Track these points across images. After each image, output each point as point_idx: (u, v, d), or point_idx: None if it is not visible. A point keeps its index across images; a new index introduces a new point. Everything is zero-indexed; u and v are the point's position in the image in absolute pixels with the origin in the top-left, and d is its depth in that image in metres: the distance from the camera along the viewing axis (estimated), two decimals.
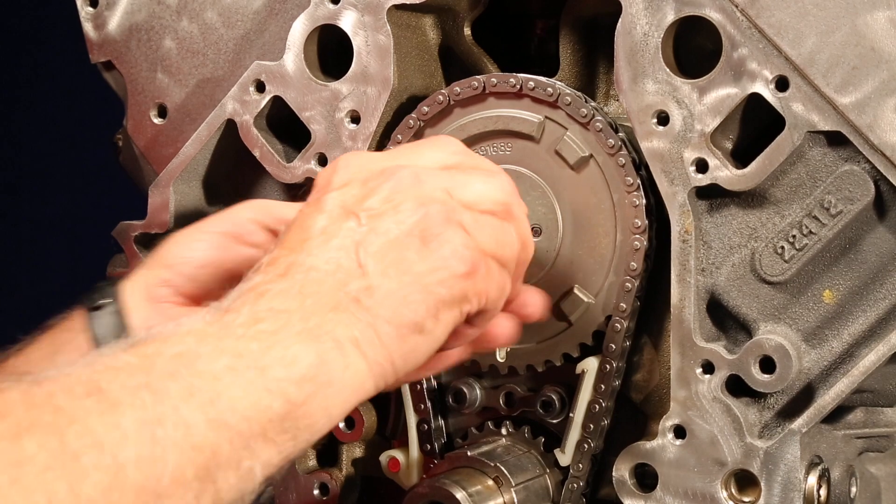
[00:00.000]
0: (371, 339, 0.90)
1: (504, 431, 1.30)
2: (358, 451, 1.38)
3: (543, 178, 1.24)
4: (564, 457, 1.25)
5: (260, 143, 1.32)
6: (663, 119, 1.17)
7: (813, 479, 1.15)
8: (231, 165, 1.38)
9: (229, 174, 1.39)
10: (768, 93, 1.13)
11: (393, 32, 1.27)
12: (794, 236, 1.15)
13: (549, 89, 1.23)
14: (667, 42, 1.17)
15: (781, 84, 1.13)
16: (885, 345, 1.13)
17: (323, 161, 1.30)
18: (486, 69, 1.33)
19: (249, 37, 1.35)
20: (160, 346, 0.83)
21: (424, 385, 1.31)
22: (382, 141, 1.30)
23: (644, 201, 1.20)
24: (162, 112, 1.40)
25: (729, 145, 1.18)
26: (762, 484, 1.15)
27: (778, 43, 1.12)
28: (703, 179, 1.16)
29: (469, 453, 1.25)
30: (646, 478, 1.21)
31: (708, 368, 1.17)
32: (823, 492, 1.16)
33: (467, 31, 1.33)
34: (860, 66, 1.10)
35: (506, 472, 1.23)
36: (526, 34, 1.38)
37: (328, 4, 1.28)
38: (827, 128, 1.11)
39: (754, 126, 1.17)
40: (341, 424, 1.33)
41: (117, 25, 1.41)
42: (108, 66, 1.43)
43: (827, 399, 1.14)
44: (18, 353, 1.04)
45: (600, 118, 1.22)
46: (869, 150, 1.10)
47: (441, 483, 1.20)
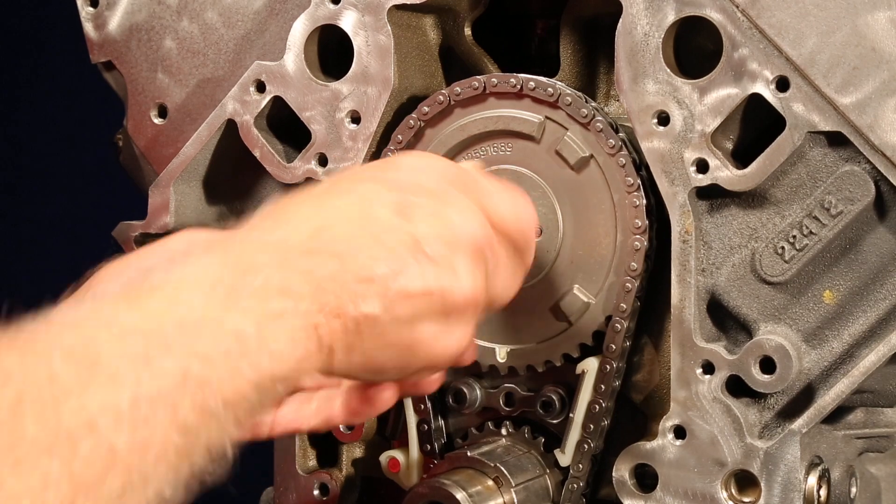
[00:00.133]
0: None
1: (504, 432, 1.29)
2: (358, 452, 1.38)
3: (544, 179, 1.24)
4: (564, 457, 1.25)
5: (260, 144, 1.32)
6: (664, 119, 1.17)
7: (813, 480, 1.15)
8: (231, 166, 1.38)
9: (229, 174, 1.39)
10: (769, 93, 1.13)
11: (393, 32, 1.27)
12: (794, 237, 1.15)
13: (550, 89, 1.23)
14: (667, 42, 1.17)
15: (782, 84, 1.13)
16: (885, 345, 1.13)
17: (323, 161, 1.30)
18: (487, 69, 1.33)
19: (250, 37, 1.35)
20: (166, 305, 0.82)
21: None
22: (383, 141, 1.30)
23: (644, 201, 1.20)
24: (162, 112, 1.40)
25: (729, 146, 1.18)
26: (762, 484, 1.15)
27: (778, 43, 1.12)
28: (703, 180, 1.16)
29: (469, 454, 1.25)
30: (646, 478, 1.21)
31: (708, 369, 1.17)
32: (823, 492, 1.16)
33: (468, 31, 1.33)
34: (861, 67, 1.10)
35: (506, 472, 1.23)
36: (526, 34, 1.38)
37: (329, 4, 1.28)
38: (827, 128, 1.11)
39: (755, 126, 1.17)
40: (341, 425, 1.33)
41: (117, 25, 1.41)
42: (109, 66, 1.43)
43: (827, 399, 1.14)
44: None
45: (601, 118, 1.22)
46: (869, 151, 1.10)
47: (441, 483, 1.20)
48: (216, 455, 0.81)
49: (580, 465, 1.25)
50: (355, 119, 1.29)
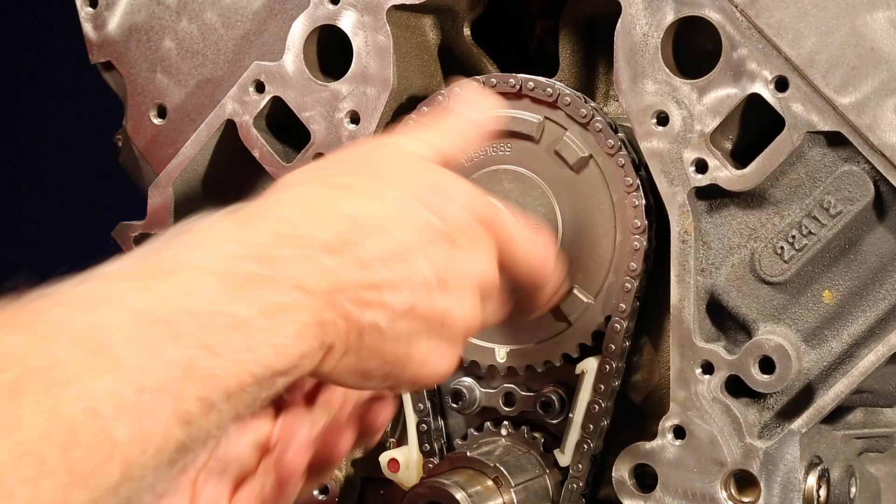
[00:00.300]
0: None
1: (503, 432, 1.29)
2: (358, 451, 1.38)
3: (543, 179, 1.24)
4: (564, 457, 1.25)
5: (259, 144, 1.32)
6: (663, 119, 1.17)
7: (812, 480, 1.15)
8: (231, 166, 1.38)
9: (229, 174, 1.39)
10: (768, 93, 1.13)
11: (392, 33, 1.27)
12: (793, 237, 1.15)
13: (549, 90, 1.23)
14: (666, 42, 1.17)
15: (781, 84, 1.13)
16: (884, 345, 1.13)
17: None
18: (486, 69, 1.33)
19: (249, 37, 1.35)
20: (177, 292, 0.81)
21: None
22: None
23: (643, 202, 1.20)
24: (161, 112, 1.40)
25: (728, 146, 1.18)
26: (762, 484, 1.15)
27: (777, 43, 1.12)
28: (702, 180, 1.16)
29: (468, 454, 1.25)
30: (645, 478, 1.21)
31: (707, 369, 1.17)
32: (823, 492, 1.16)
33: (467, 31, 1.33)
34: (860, 67, 1.10)
35: (505, 472, 1.23)
36: (526, 34, 1.38)
37: (328, 5, 1.28)
38: (826, 128, 1.11)
39: (754, 126, 1.17)
40: None
41: (117, 26, 1.41)
42: (108, 66, 1.43)
43: (826, 399, 1.14)
44: None
45: (600, 118, 1.22)
46: (868, 151, 1.10)
47: (440, 483, 1.20)
48: (212, 446, 0.81)
49: (580, 466, 1.25)
50: (354, 119, 1.29)
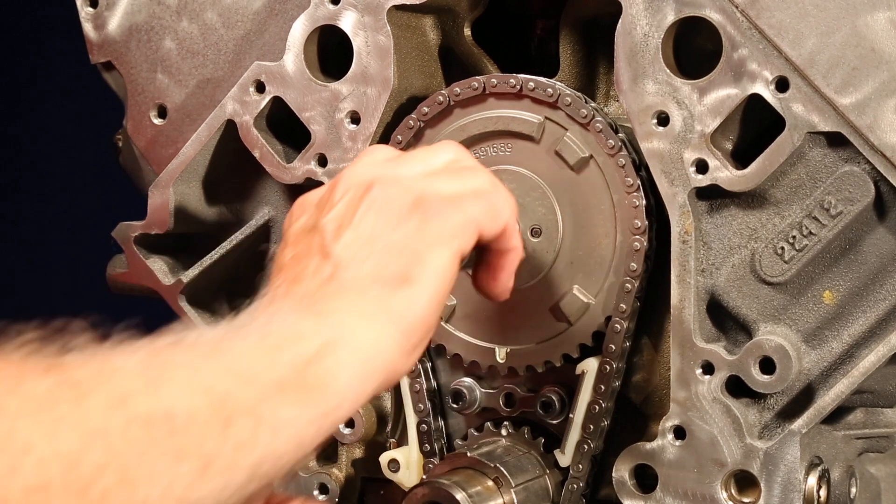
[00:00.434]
0: (362, 302, 0.92)
1: (504, 432, 1.29)
2: (358, 452, 1.38)
3: (543, 179, 1.24)
4: (564, 457, 1.25)
5: (260, 144, 1.32)
6: (663, 120, 1.17)
7: (813, 480, 1.15)
8: (231, 166, 1.38)
9: (229, 175, 1.39)
10: (768, 93, 1.13)
11: (393, 33, 1.27)
12: (793, 237, 1.15)
13: (549, 90, 1.23)
14: (667, 43, 1.17)
15: (781, 85, 1.13)
16: (884, 346, 1.13)
17: (323, 161, 1.30)
18: (487, 70, 1.33)
19: (249, 37, 1.35)
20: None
21: (424, 386, 1.31)
22: (382, 141, 1.30)
23: (644, 202, 1.20)
24: (162, 112, 1.40)
25: (729, 146, 1.18)
26: (762, 485, 1.15)
27: (778, 44, 1.12)
28: (703, 180, 1.16)
29: (469, 454, 1.25)
30: (646, 478, 1.21)
31: (708, 369, 1.17)
32: (823, 492, 1.16)
33: (467, 31, 1.33)
34: (860, 67, 1.10)
35: (506, 472, 1.23)
36: (526, 34, 1.38)
37: (328, 5, 1.28)
38: (827, 128, 1.11)
39: (754, 127, 1.17)
40: (341, 425, 1.33)
41: (117, 26, 1.41)
42: (108, 66, 1.43)
43: (827, 400, 1.14)
44: None
45: (600, 119, 1.22)
46: (869, 151, 1.10)
47: (441, 484, 1.20)
48: (266, 429, 0.85)
49: (580, 466, 1.25)
50: (355, 119, 1.29)
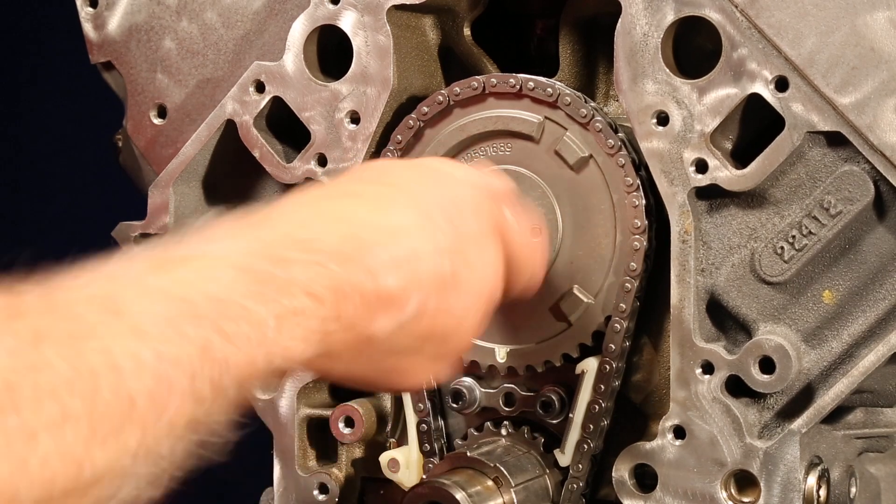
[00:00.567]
0: None
1: (504, 432, 1.29)
2: (358, 452, 1.38)
3: (543, 179, 1.24)
4: (564, 457, 1.25)
5: (260, 144, 1.32)
6: (663, 119, 1.17)
7: (812, 480, 1.15)
8: (231, 166, 1.38)
9: (229, 174, 1.39)
10: (768, 93, 1.13)
11: (393, 33, 1.27)
12: (793, 237, 1.15)
13: (549, 90, 1.23)
14: (666, 42, 1.17)
15: (781, 84, 1.13)
16: (884, 345, 1.13)
17: (323, 161, 1.30)
18: (486, 69, 1.33)
19: (249, 37, 1.36)
20: (196, 276, 0.81)
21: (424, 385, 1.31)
22: (382, 141, 1.30)
23: (644, 202, 1.20)
24: (162, 112, 1.40)
25: (728, 145, 1.18)
26: (762, 484, 1.15)
27: (777, 43, 1.12)
28: (702, 180, 1.16)
29: (469, 454, 1.25)
30: (645, 478, 1.21)
31: (707, 369, 1.17)
32: (823, 492, 1.16)
33: (467, 31, 1.33)
34: (860, 67, 1.10)
35: (505, 472, 1.23)
36: (526, 34, 1.38)
37: (328, 5, 1.28)
38: (826, 128, 1.11)
39: (754, 126, 1.17)
40: (341, 424, 1.33)
41: (117, 26, 1.41)
42: (108, 66, 1.43)
43: (827, 399, 1.14)
44: None
45: (600, 118, 1.22)
46: (868, 151, 1.10)
47: (441, 483, 1.20)
48: (215, 433, 0.81)
49: (580, 466, 1.25)
50: (355, 119, 1.29)
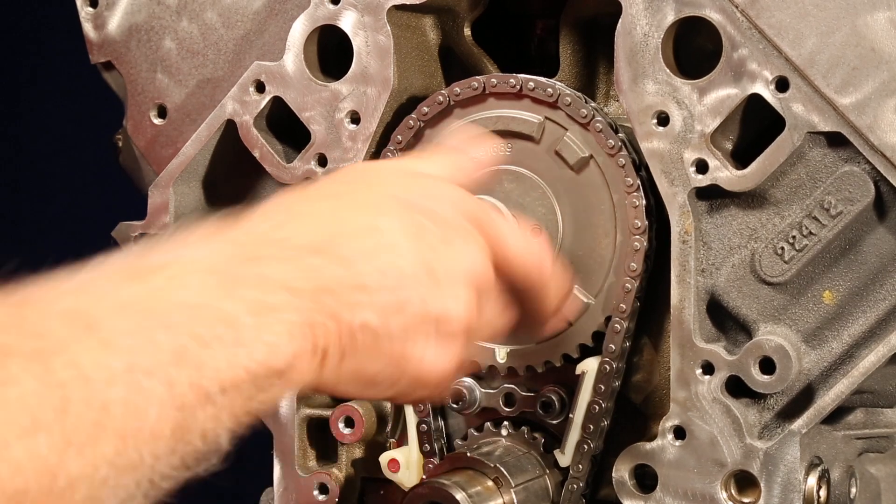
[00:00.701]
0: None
1: (504, 432, 1.29)
2: (358, 452, 1.38)
3: (543, 179, 1.24)
4: (564, 458, 1.25)
5: (260, 144, 1.32)
6: (663, 120, 1.17)
7: (813, 480, 1.15)
8: (231, 166, 1.38)
9: (229, 174, 1.39)
10: (768, 93, 1.13)
11: (393, 33, 1.27)
12: (793, 237, 1.15)
13: (549, 90, 1.23)
14: (667, 42, 1.17)
15: (781, 85, 1.13)
16: (885, 346, 1.12)
17: (323, 161, 1.30)
18: (486, 69, 1.33)
19: (249, 37, 1.35)
20: (166, 284, 0.81)
21: None
22: (382, 141, 1.30)
23: (644, 202, 1.20)
24: (162, 112, 1.40)
25: (729, 146, 1.18)
26: (762, 485, 1.15)
27: (778, 43, 1.12)
28: (703, 180, 1.16)
29: (469, 454, 1.25)
30: (645, 479, 1.21)
31: (708, 369, 1.17)
32: (823, 493, 1.16)
33: (467, 31, 1.33)
34: (860, 67, 1.10)
35: (505, 472, 1.23)
36: (526, 34, 1.38)
37: (328, 5, 1.28)
38: (827, 128, 1.11)
39: (754, 127, 1.17)
40: (341, 424, 1.33)
41: (117, 26, 1.41)
42: (108, 66, 1.43)
43: (827, 400, 1.14)
44: None
45: (600, 119, 1.21)
46: (869, 151, 1.10)
47: (441, 484, 1.20)
48: (211, 442, 0.81)
49: (580, 466, 1.25)
50: (355, 119, 1.29)
